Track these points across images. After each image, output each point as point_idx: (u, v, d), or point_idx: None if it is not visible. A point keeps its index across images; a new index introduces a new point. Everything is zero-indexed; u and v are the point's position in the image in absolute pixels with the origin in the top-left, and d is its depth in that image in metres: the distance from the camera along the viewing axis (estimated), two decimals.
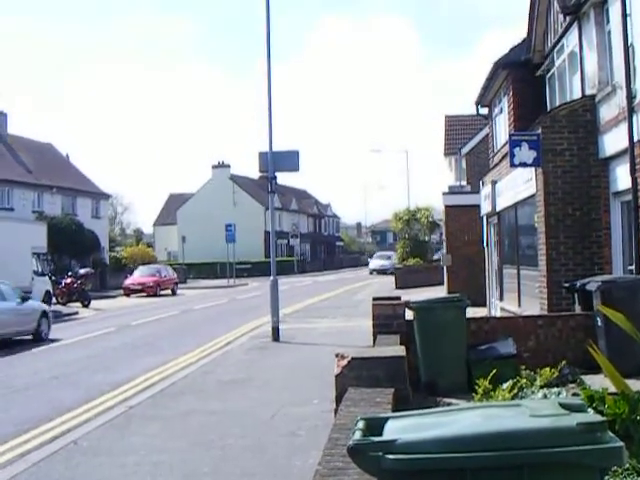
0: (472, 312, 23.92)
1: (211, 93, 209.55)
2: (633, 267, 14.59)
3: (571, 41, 17.98)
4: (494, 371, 9.40)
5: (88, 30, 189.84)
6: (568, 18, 17.59)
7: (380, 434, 3.35)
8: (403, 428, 3.38)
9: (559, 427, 3.18)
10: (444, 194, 35.95)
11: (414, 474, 3.18)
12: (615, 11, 14.89)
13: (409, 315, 12.93)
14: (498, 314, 23.11)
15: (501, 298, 23.69)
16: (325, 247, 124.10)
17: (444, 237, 37.55)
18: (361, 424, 3.50)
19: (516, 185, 19.10)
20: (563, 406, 3.38)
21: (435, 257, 57.73)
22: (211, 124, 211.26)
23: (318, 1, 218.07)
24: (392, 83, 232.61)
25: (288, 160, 23.72)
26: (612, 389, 7.91)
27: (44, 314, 25.89)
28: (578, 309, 13.73)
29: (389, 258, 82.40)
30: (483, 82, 23.68)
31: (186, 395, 14.63)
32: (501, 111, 23.76)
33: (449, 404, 9.55)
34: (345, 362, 6.00)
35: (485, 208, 25.06)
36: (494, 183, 22.61)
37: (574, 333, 13.00)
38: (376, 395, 5.53)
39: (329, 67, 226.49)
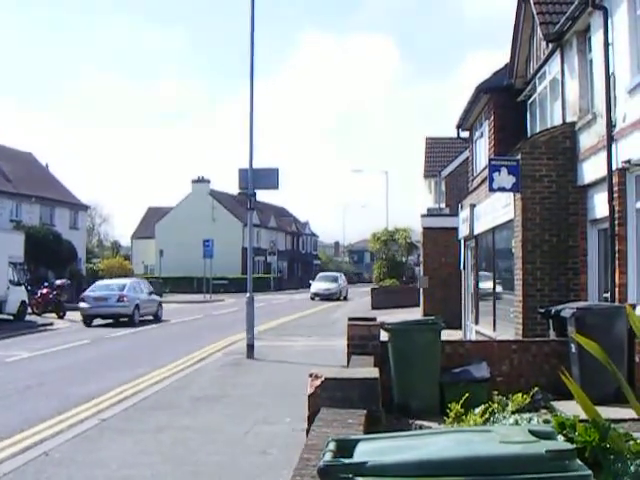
0: (447, 334, 23.96)
1: (193, 106, 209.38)
2: (608, 295, 14.68)
3: (553, 68, 18.13)
4: (466, 395, 9.42)
5: (69, 39, 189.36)
6: (551, 45, 17.76)
7: (351, 456, 3.37)
8: (374, 450, 3.40)
9: (528, 454, 3.20)
10: (422, 216, 36.13)
11: None
12: (597, 40, 15.04)
13: (384, 336, 12.95)
14: (473, 337, 23.17)
15: (477, 321, 23.76)
16: (302, 265, 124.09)
17: (421, 259, 37.64)
18: (332, 445, 3.51)
19: (494, 209, 19.20)
20: (533, 433, 3.40)
21: (408, 278, 57.98)
22: (192, 138, 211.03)
23: (301, 17, 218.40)
24: (374, 101, 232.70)
25: (268, 178, 23.73)
26: (584, 416, 7.97)
27: (160, 304, 40.24)
28: (553, 335, 13.79)
29: (335, 280, 68.19)
30: (465, 105, 23.84)
31: (159, 410, 14.56)
32: (482, 135, 23.90)
33: (421, 426, 9.59)
34: (319, 382, 5.99)
35: (463, 231, 25.16)
36: (473, 206, 22.71)
37: (548, 359, 13.04)
38: (348, 416, 5.54)
39: (311, 83, 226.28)
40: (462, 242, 26.72)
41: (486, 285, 22.36)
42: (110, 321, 36.33)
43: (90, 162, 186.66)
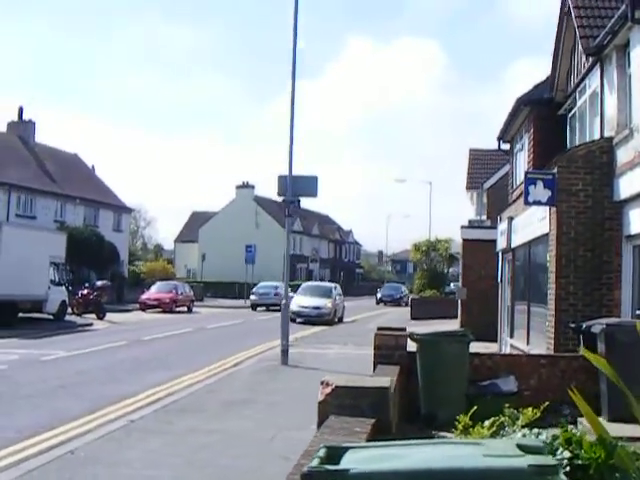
0: (484, 347, 24.06)
1: (238, 108, 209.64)
2: None
3: (593, 82, 18.04)
4: (475, 408, 9.42)
5: (99, 39, 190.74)
6: (591, 59, 17.66)
7: (338, 463, 3.41)
8: (362, 459, 3.43)
9: (510, 468, 3.22)
10: (462, 227, 35.99)
11: None
12: (636, 54, 14.96)
13: (412, 347, 12.96)
14: (508, 351, 23.07)
15: (511, 335, 23.67)
16: (345, 273, 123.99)
17: (460, 270, 37.50)
18: (322, 452, 3.55)
19: (531, 223, 19.13)
20: (521, 447, 3.41)
21: (448, 289, 57.64)
22: (238, 141, 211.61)
23: (344, 22, 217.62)
24: (419, 108, 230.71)
25: (307, 185, 23.78)
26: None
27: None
28: (583, 350, 13.70)
29: (328, 294, 48.40)
30: (506, 117, 23.76)
31: (188, 413, 14.66)
32: (522, 148, 23.80)
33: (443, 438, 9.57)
34: (329, 390, 6.04)
35: (501, 244, 25.08)
36: (510, 219, 22.64)
37: (577, 375, 12.97)
38: (356, 424, 5.57)
39: (354, 87, 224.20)
40: (500, 255, 26.63)
41: (521, 299, 22.25)
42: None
43: (136, 165, 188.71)
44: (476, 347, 21.82)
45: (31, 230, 38.71)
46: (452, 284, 58.18)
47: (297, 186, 23.45)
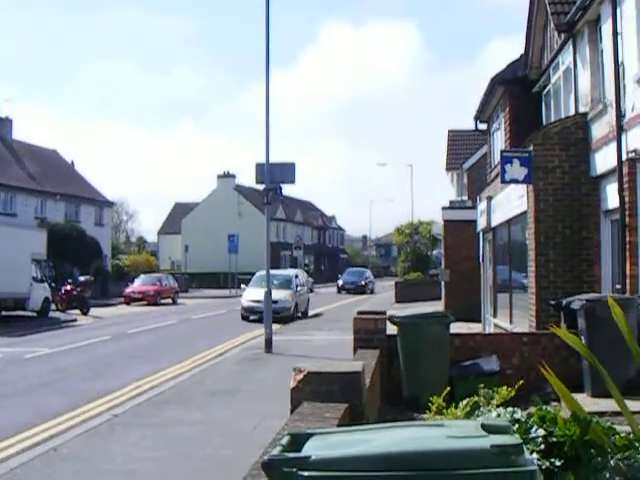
0: (468, 328, 24.12)
1: (215, 98, 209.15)
2: (620, 286, 14.58)
3: (566, 58, 18.03)
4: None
5: (79, 30, 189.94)
6: (563, 36, 17.64)
7: (300, 450, 3.36)
8: (324, 445, 3.38)
9: (472, 448, 3.17)
10: (443, 209, 36.00)
11: None
12: (607, 29, 14.93)
13: (393, 330, 12.93)
14: (492, 330, 23.10)
15: (495, 314, 23.69)
16: (329, 259, 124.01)
17: (443, 252, 37.52)
18: (285, 439, 3.50)
19: (509, 201, 19.13)
20: (485, 427, 3.37)
21: (432, 272, 57.66)
22: (217, 130, 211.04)
23: (318, 6, 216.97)
24: (396, 91, 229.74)
25: (285, 172, 23.76)
26: (590, 409, 7.92)
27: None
28: (564, 327, 13.70)
29: (287, 284, 38.92)
30: (481, 97, 23.73)
31: (172, 404, 14.63)
32: (499, 127, 23.79)
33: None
34: (301, 376, 5.99)
35: (481, 224, 25.10)
36: (489, 199, 22.64)
37: (558, 351, 12.99)
38: (327, 410, 5.52)
39: (329, 73, 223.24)
40: (481, 235, 26.65)
41: (503, 278, 22.28)
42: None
43: (116, 158, 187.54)
44: (460, 328, 21.99)
45: (10, 227, 38.43)
46: (436, 267, 58.23)
47: (275, 173, 23.43)
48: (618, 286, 14.91)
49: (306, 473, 3.16)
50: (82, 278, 44.11)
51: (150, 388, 16.88)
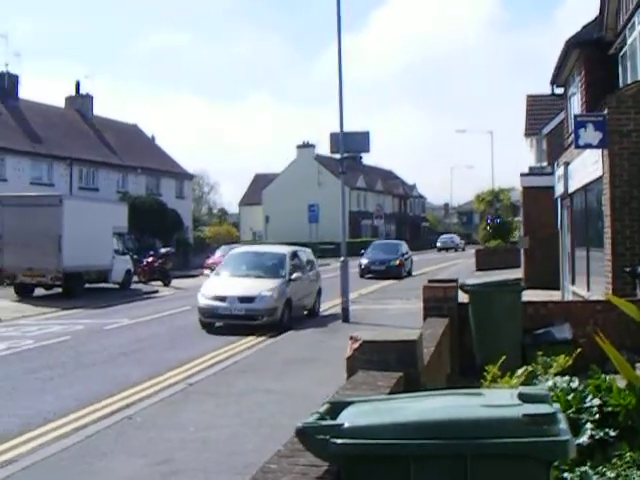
0: (547, 295, 23.86)
1: (284, 68, 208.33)
2: None
3: None
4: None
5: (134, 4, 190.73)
6: None
7: (337, 417, 3.39)
8: (359, 413, 3.40)
9: (504, 418, 3.16)
10: (522, 175, 35.47)
11: (359, 459, 3.21)
12: None
13: (465, 298, 12.87)
14: (570, 298, 22.83)
15: (573, 282, 23.39)
16: (410, 228, 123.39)
17: (522, 219, 37.08)
18: (324, 407, 3.54)
19: (585, 167, 18.82)
20: (521, 396, 3.35)
21: (513, 239, 56.88)
22: (294, 102, 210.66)
23: None
24: (471, 52, 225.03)
25: (359, 141, 23.75)
26: None
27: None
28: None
29: (273, 271, 23.83)
30: (557, 61, 23.30)
31: (246, 374, 14.80)
32: (575, 91, 23.37)
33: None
34: (357, 345, 6.03)
35: (558, 190, 24.75)
36: (567, 164, 22.30)
37: (633, 319, 12.74)
38: (380, 379, 5.55)
39: (400, 36, 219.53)
40: (559, 201, 26.28)
41: (580, 245, 21.97)
42: None
43: (195, 131, 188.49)
44: (540, 295, 21.73)
45: (92, 202, 39.13)
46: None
47: (349, 143, 23.43)
48: None
49: (339, 441, 3.19)
50: (163, 250, 44.63)
51: (227, 357, 17.12)
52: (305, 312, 25.23)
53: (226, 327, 21.80)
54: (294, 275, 23.83)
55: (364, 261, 47.53)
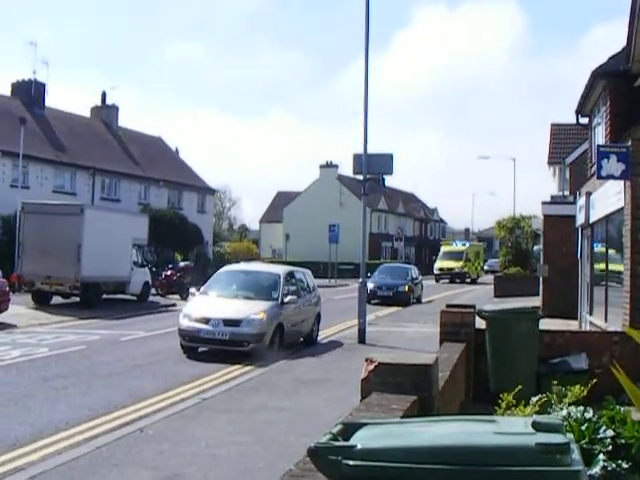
0: (565, 325, 23.79)
1: (305, 85, 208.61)
2: None
3: None
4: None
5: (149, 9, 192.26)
6: None
7: (349, 439, 3.39)
8: (372, 435, 3.40)
9: (517, 446, 3.16)
10: (543, 203, 35.45)
11: None
12: None
13: (482, 324, 12.84)
14: (587, 328, 22.74)
15: (591, 312, 23.29)
16: (430, 251, 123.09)
17: (542, 247, 36.97)
18: (337, 428, 3.54)
19: (607, 197, 18.78)
20: (535, 425, 3.35)
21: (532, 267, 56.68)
22: (311, 119, 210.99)
23: None
24: (496, 78, 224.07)
25: (382, 163, 23.79)
26: None
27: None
28: (627, 328, 13.43)
29: (267, 294, 21.44)
30: (582, 90, 23.27)
31: (260, 391, 14.80)
32: (600, 122, 23.32)
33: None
34: (372, 367, 6.02)
35: (580, 219, 24.69)
36: (589, 194, 22.25)
37: None
38: (395, 402, 5.54)
39: (423, 58, 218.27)
40: (579, 230, 26.22)
41: (599, 275, 21.89)
42: None
43: (218, 146, 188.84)
44: (557, 325, 21.67)
45: (113, 213, 39.32)
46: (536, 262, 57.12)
47: (373, 164, 23.49)
48: None
49: (351, 462, 3.19)
50: (182, 264, 44.75)
51: (241, 374, 17.10)
52: (301, 339, 23.20)
53: (212, 352, 19.96)
54: (288, 298, 21.71)
55: (370, 285, 40.96)
